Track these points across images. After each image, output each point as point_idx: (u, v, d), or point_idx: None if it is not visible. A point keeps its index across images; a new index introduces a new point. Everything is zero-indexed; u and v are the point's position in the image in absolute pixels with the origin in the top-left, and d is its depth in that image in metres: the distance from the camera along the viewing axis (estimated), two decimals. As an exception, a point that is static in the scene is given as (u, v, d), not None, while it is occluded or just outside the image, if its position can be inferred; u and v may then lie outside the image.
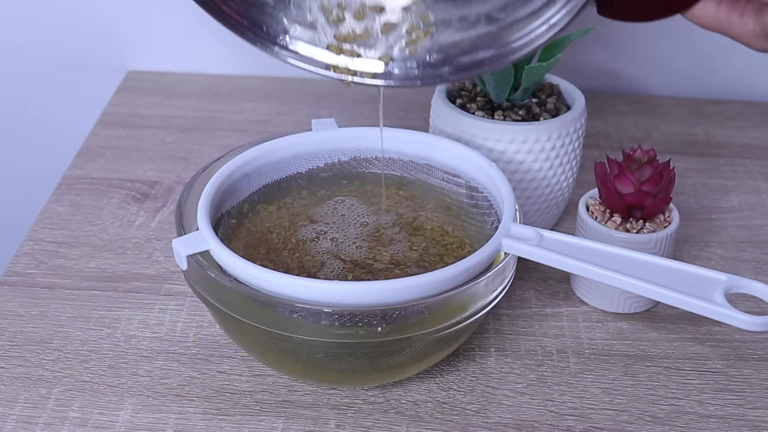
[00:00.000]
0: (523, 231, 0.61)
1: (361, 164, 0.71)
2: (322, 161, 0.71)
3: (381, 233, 0.67)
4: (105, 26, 1.01)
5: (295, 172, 0.70)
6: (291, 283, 0.56)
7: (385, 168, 0.71)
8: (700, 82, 1.01)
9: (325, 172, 0.71)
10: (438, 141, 0.70)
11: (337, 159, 0.71)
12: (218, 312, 0.59)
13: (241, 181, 0.67)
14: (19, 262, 0.75)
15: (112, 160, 0.89)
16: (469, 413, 0.63)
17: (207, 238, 0.59)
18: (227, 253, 0.58)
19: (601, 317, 0.71)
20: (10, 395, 0.63)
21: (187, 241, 0.59)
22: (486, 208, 0.67)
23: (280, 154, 0.70)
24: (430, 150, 0.70)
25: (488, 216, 0.66)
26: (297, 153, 0.70)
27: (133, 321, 0.69)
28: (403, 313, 0.56)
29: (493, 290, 0.60)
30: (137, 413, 0.62)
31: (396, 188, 0.71)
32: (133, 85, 1.02)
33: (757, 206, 0.84)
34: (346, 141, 0.71)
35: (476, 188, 0.68)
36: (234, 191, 0.67)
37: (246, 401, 0.63)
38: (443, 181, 0.70)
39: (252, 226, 0.67)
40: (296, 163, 0.70)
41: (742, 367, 0.67)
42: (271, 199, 0.69)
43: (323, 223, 0.67)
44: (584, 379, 0.66)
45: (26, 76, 1.04)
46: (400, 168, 0.71)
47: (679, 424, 0.62)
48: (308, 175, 0.71)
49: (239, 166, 0.67)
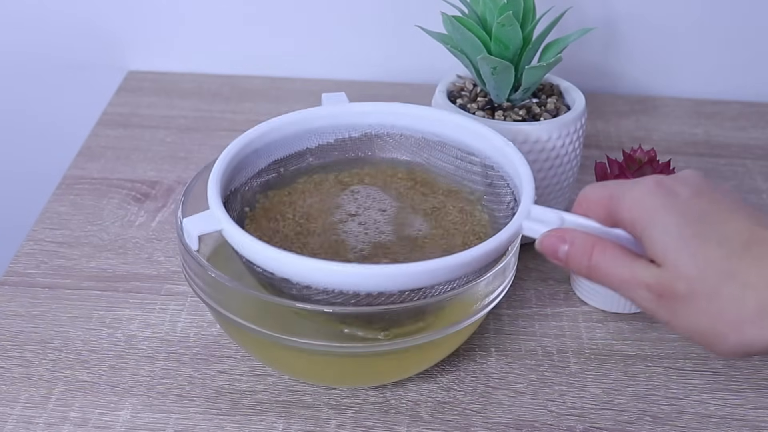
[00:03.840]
0: (543, 213, 0.58)
1: (372, 141, 0.69)
2: (332, 137, 0.69)
3: (398, 219, 0.65)
4: (105, 26, 1.01)
5: (304, 147, 0.68)
6: (308, 265, 0.54)
7: (397, 146, 0.69)
8: (700, 82, 1.01)
9: (336, 150, 0.69)
10: (452, 117, 0.67)
11: (348, 135, 0.69)
12: (218, 312, 0.59)
13: (250, 157, 0.65)
14: (19, 262, 0.75)
15: (112, 160, 0.89)
16: (470, 413, 0.63)
17: (219, 218, 0.57)
18: (241, 234, 0.56)
19: (601, 317, 0.71)
20: (11, 395, 0.63)
21: (197, 221, 0.57)
22: (502, 188, 0.64)
23: (290, 129, 0.67)
24: (443, 127, 0.68)
25: (504, 196, 0.64)
26: (307, 129, 0.67)
27: (134, 321, 0.69)
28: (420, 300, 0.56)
29: (493, 290, 0.60)
30: (138, 413, 0.62)
31: (407, 171, 0.69)
32: (133, 85, 1.02)
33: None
34: (357, 117, 0.68)
35: (492, 167, 0.66)
36: (243, 168, 0.64)
37: (246, 401, 0.63)
38: (457, 159, 0.67)
39: (262, 213, 0.65)
40: (306, 138, 0.68)
41: (742, 367, 0.67)
42: (282, 185, 0.67)
43: (338, 210, 0.65)
44: (584, 379, 0.66)
45: (26, 76, 1.04)
46: (412, 145, 0.69)
47: (680, 424, 0.62)
48: (318, 152, 0.68)
49: (248, 142, 0.64)
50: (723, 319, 0.49)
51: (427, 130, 0.68)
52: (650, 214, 0.51)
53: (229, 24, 1.01)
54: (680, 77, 1.02)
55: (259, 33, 1.01)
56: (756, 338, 0.48)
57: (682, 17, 0.98)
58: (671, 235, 0.50)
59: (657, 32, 0.99)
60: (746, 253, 0.49)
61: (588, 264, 0.53)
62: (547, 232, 0.56)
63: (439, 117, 0.68)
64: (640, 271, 0.51)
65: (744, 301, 0.48)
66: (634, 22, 0.98)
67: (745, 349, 0.49)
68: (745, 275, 0.48)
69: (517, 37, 0.71)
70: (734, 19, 0.98)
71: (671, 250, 0.50)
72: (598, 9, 0.97)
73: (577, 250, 0.54)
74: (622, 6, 0.97)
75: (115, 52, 1.03)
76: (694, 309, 0.49)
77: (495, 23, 0.70)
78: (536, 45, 0.74)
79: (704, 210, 0.51)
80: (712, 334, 0.49)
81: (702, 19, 0.98)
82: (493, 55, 0.71)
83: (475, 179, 0.67)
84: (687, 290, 0.49)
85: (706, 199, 0.51)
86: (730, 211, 0.51)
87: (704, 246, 0.49)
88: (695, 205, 0.51)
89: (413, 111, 0.68)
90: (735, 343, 0.49)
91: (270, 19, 1.00)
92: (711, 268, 0.49)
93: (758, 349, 0.49)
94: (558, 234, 0.55)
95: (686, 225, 0.50)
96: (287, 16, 1.00)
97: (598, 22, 0.97)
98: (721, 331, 0.49)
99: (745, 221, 0.50)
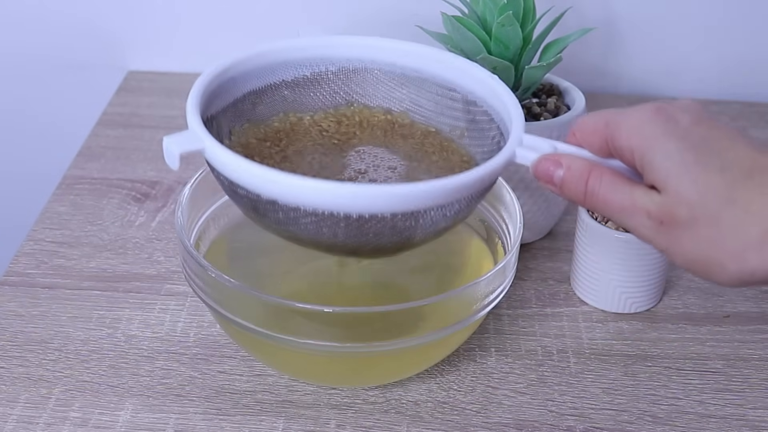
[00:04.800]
0: (536, 141, 0.56)
1: (350, 77, 0.67)
2: (309, 70, 0.66)
3: (376, 161, 0.63)
4: (105, 26, 1.01)
5: (280, 80, 0.65)
6: (297, 184, 0.52)
7: (375, 82, 0.67)
8: (700, 82, 1.01)
9: (312, 85, 0.66)
10: (432, 52, 0.65)
11: (324, 68, 0.66)
12: (218, 312, 0.59)
13: (226, 84, 0.63)
14: (19, 262, 0.75)
15: (112, 160, 0.89)
16: (470, 413, 0.63)
17: (200, 137, 0.55)
18: (225, 152, 0.54)
19: (601, 317, 0.71)
20: (11, 395, 0.63)
21: (179, 139, 0.54)
22: (486, 123, 0.63)
23: (266, 58, 0.65)
24: (423, 62, 0.65)
25: (489, 131, 0.62)
26: (283, 60, 0.65)
27: (134, 321, 0.69)
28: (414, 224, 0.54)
29: (493, 290, 0.60)
30: (138, 413, 0.62)
31: (385, 111, 0.67)
32: (133, 85, 1.02)
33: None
34: (334, 49, 0.66)
35: (474, 102, 0.63)
36: (219, 95, 0.62)
37: (246, 401, 0.63)
38: (438, 95, 0.65)
39: (239, 150, 0.62)
40: (282, 70, 0.65)
41: (742, 367, 0.67)
42: (257, 120, 0.64)
43: (316, 151, 0.64)
44: (584, 379, 0.66)
45: (27, 76, 1.04)
46: (391, 81, 0.66)
47: (680, 424, 0.62)
48: (294, 86, 0.66)
49: (226, 68, 0.62)
50: (724, 246, 0.47)
51: (406, 66, 0.66)
52: (650, 141, 0.50)
53: (228, 24, 1.01)
54: (680, 77, 1.02)
55: (259, 33, 1.01)
56: (757, 266, 0.47)
57: (682, 17, 0.98)
58: (673, 161, 0.49)
59: (657, 32, 0.99)
60: (749, 181, 0.47)
61: (584, 189, 0.52)
62: (542, 156, 0.54)
63: (419, 51, 0.65)
64: (640, 197, 0.50)
65: (746, 228, 0.47)
66: (634, 22, 0.98)
67: (746, 278, 0.48)
68: (748, 202, 0.47)
69: (517, 37, 0.71)
70: (734, 19, 0.98)
71: (673, 175, 0.48)
72: (598, 9, 0.97)
73: (573, 175, 0.52)
74: (622, 6, 0.97)
75: (115, 52, 1.03)
76: (694, 236, 0.48)
77: (495, 23, 0.70)
78: (536, 45, 0.74)
79: (705, 137, 0.49)
80: (712, 263, 0.48)
81: (702, 19, 0.98)
82: (493, 55, 0.71)
83: (457, 116, 0.65)
84: (688, 216, 0.48)
85: (707, 127, 0.50)
86: (731, 139, 0.49)
87: (706, 172, 0.48)
88: (696, 131, 0.50)
89: (393, 45, 0.66)
90: (735, 271, 0.48)
91: (270, 20, 1.00)
92: (713, 194, 0.47)
93: (759, 278, 0.48)
94: (553, 158, 0.54)
95: (688, 151, 0.49)
96: (287, 17, 1.00)
97: (598, 22, 0.97)
98: (721, 259, 0.48)
99: (746, 149, 0.49)
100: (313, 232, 0.54)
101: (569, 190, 0.53)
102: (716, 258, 0.48)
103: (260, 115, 0.65)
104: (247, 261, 0.69)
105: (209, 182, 0.67)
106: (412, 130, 0.65)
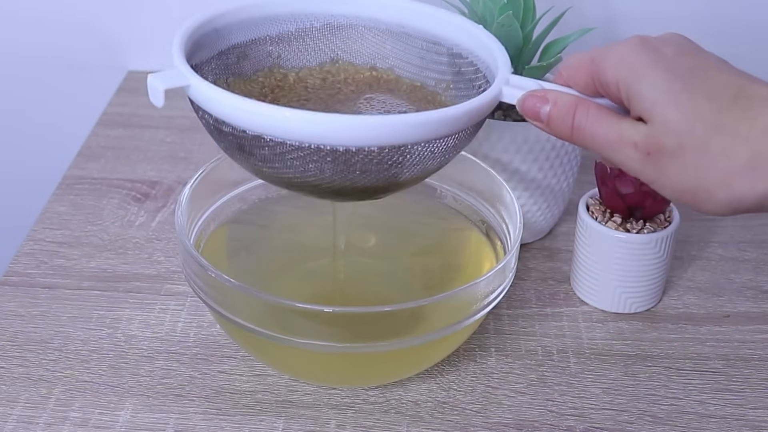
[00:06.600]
0: (522, 81, 0.56)
1: (334, 34, 0.67)
2: (293, 25, 0.66)
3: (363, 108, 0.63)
4: (104, 27, 1.01)
5: (264, 35, 0.65)
6: (285, 115, 0.52)
7: (359, 38, 0.66)
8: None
9: (296, 41, 0.66)
10: (416, 6, 0.65)
11: (309, 24, 0.66)
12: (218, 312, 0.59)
13: (210, 35, 0.62)
14: (19, 262, 0.75)
15: (112, 160, 0.89)
16: (470, 413, 0.63)
17: (185, 73, 0.55)
18: (210, 88, 0.53)
19: (601, 317, 0.71)
20: (11, 395, 0.63)
21: (164, 76, 0.54)
22: (471, 74, 0.63)
23: (250, 12, 0.64)
24: (407, 16, 0.65)
25: (475, 81, 0.62)
26: (267, 14, 0.65)
27: (134, 321, 0.69)
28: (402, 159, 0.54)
29: (493, 290, 0.60)
30: (138, 413, 0.62)
31: (370, 68, 0.66)
32: (133, 85, 1.02)
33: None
34: (318, 5, 0.66)
35: (459, 54, 0.64)
36: (203, 45, 0.62)
37: (246, 401, 0.63)
38: (422, 50, 0.65)
39: None
40: (266, 25, 0.65)
41: (742, 367, 0.67)
42: (241, 77, 0.64)
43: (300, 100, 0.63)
44: (584, 379, 0.66)
45: (27, 76, 1.04)
46: (375, 37, 0.66)
47: (680, 424, 0.62)
48: (278, 41, 0.66)
49: (210, 18, 0.62)
50: (712, 173, 0.47)
51: (391, 21, 0.66)
52: (636, 71, 0.50)
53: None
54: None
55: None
56: (746, 193, 0.47)
57: (681, 17, 0.98)
58: (659, 90, 0.48)
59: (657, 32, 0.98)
60: (735, 106, 0.47)
61: (571, 124, 0.52)
62: (529, 92, 0.54)
63: (403, 5, 0.66)
64: (626, 129, 0.50)
65: (734, 153, 0.47)
66: (634, 22, 0.98)
67: (735, 206, 0.48)
68: (735, 127, 0.47)
69: (517, 37, 0.71)
70: (734, 19, 0.98)
71: (659, 104, 0.48)
72: (598, 9, 0.97)
73: (560, 110, 0.52)
74: (622, 6, 0.97)
75: (114, 52, 1.03)
76: (682, 164, 0.48)
77: (495, 23, 0.70)
78: (536, 45, 0.74)
79: (691, 66, 0.49)
80: (700, 190, 0.48)
81: (702, 19, 0.98)
82: (493, 55, 0.71)
83: (442, 69, 0.65)
84: (676, 145, 0.48)
85: (693, 57, 0.50)
86: (716, 68, 0.49)
87: (693, 99, 0.48)
88: (682, 61, 0.49)
89: (375, 1, 0.66)
90: (724, 198, 0.47)
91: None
92: (700, 122, 0.47)
93: (747, 205, 0.47)
94: (540, 94, 0.54)
95: (674, 80, 0.48)
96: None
97: (598, 22, 0.97)
98: (709, 187, 0.47)
99: (732, 76, 0.49)
100: (300, 169, 0.54)
101: (556, 126, 0.53)
102: (704, 186, 0.48)
103: (245, 70, 0.64)
104: (247, 261, 0.69)
105: (209, 182, 0.67)
106: (398, 85, 0.65)
